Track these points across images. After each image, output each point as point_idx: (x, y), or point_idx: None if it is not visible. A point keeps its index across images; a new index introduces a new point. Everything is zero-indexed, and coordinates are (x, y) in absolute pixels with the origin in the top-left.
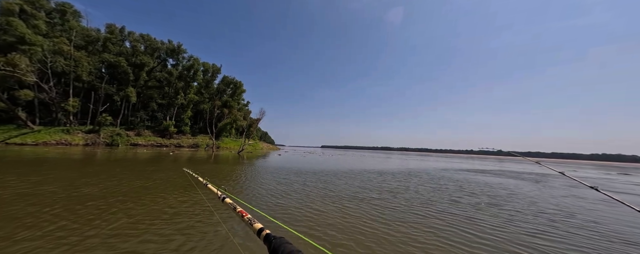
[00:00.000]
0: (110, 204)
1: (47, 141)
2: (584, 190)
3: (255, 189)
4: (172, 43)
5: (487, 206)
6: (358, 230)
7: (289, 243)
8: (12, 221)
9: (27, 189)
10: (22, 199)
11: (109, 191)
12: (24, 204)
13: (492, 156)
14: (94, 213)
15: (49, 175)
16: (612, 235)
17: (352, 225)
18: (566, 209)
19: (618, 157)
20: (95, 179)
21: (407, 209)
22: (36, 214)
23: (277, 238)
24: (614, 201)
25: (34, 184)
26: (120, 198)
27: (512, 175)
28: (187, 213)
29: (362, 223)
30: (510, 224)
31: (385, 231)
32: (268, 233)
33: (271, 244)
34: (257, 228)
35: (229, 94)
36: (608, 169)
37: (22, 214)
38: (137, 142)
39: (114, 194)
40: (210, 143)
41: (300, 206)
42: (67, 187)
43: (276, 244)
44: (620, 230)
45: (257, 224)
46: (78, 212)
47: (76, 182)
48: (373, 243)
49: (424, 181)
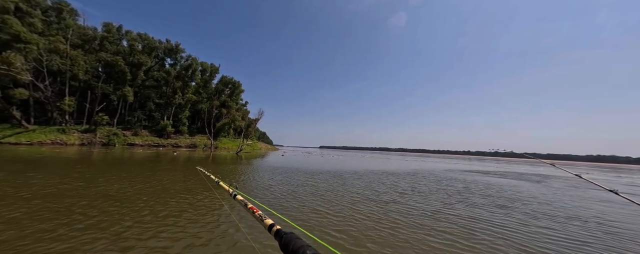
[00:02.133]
0: (133, 202)
1: (42, 140)
2: (601, 193)
3: (278, 192)
4: (170, 42)
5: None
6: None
7: (298, 238)
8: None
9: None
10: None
11: (126, 193)
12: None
13: (490, 156)
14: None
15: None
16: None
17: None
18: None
19: (612, 159)
20: (102, 180)
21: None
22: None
23: (288, 233)
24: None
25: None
26: (144, 198)
27: (527, 177)
28: (205, 208)
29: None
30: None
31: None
32: (279, 228)
33: (282, 239)
34: (268, 224)
35: (228, 94)
36: (603, 170)
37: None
38: (134, 142)
39: (133, 194)
40: (208, 143)
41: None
42: (88, 186)
43: (287, 239)
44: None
45: (268, 220)
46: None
47: (94, 181)
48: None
49: (457, 185)
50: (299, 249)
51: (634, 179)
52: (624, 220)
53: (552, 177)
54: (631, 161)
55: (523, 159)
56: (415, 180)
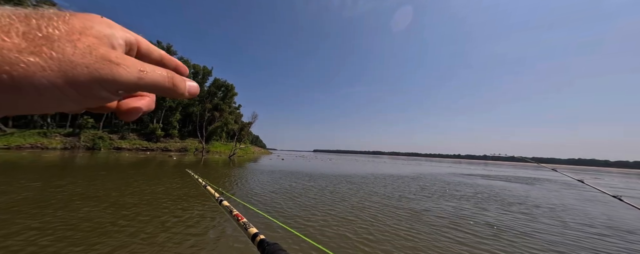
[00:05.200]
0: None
1: (21, 144)
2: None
3: (291, 198)
4: (160, 44)
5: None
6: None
7: (283, 249)
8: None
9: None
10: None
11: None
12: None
13: (479, 160)
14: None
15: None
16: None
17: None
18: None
19: (591, 162)
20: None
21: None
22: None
23: (271, 244)
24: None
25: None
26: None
27: (526, 180)
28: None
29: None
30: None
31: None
32: (263, 238)
33: (265, 250)
34: (252, 233)
35: (220, 97)
36: (587, 173)
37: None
38: (121, 146)
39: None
40: (200, 147)
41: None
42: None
43: (270, 250)
44: None
45: (252, 228)
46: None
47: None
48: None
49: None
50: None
51: (615, 181)
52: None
53: (553, 181)
54: (609, 164)
55: (510, 163)
56: (451, 187)
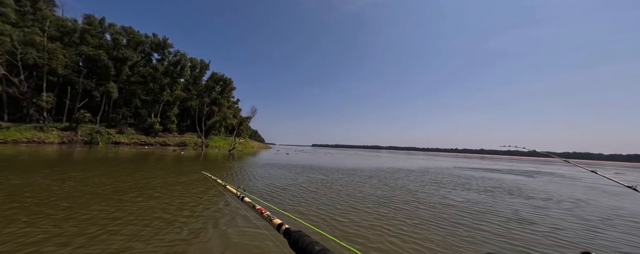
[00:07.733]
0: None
1: (18, 138)
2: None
3: (332, 197)
4: (157, 37)
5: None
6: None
7: (307, 235)
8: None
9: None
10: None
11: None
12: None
13: (476, 154)
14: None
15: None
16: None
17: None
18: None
19: (586, 155)
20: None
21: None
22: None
23: (296, 231)
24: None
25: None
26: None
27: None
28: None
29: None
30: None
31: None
32: (287, 227)
33: (291, 237)
34: (277, 224)
35: (219, 91)
36: (585, 166)
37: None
38: (120, 141)
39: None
40: (199, 141)
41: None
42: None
43: (296, 237)
44: None
45: (276, 219)
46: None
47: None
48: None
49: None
50: (308, 245)
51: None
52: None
53: (561, 174)
54: (603, 157)
55: (506, 157)
56: (464, 182)
